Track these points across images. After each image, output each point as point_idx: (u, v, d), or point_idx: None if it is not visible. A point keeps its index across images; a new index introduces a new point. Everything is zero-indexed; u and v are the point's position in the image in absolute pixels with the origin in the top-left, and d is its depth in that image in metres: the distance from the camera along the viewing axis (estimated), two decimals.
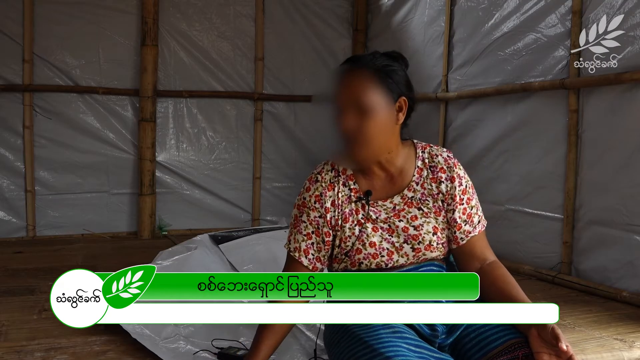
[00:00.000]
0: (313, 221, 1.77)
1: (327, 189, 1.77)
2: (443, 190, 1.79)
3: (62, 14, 4.61)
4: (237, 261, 3.06)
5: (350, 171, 1.79)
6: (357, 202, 1.77)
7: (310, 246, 1.77)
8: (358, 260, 1.75)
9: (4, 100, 4.53)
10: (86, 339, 2.31)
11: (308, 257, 1.77)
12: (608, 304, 2.94)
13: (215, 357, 2.16)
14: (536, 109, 3.60)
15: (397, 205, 1.78)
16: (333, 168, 1.80)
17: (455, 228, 1.79)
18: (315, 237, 1.77)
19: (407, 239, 1.75)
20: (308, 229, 1.78)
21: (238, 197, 5.13)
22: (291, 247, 1.80)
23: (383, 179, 1.79)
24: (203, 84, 4.99)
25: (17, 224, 4.60)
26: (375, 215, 1.76)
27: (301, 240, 1.78)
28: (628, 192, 3.01)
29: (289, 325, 1.75)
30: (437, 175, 1.79)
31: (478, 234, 1.81)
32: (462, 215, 1.79)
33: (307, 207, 1.79)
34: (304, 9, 5.20)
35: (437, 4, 4.38)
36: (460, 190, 1.79)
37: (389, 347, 1.54)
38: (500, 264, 1.79)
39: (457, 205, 1.79)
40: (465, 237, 1.79)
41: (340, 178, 1.79)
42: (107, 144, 4.79)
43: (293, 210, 1.83)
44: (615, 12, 3.06)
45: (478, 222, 1.82)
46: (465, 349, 1.69)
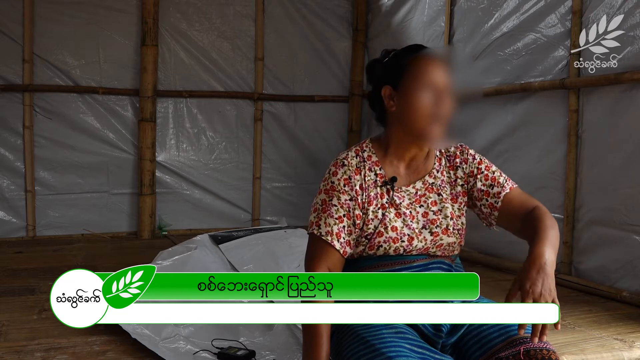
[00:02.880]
0: (344, 204, 1.77)
1: (354, 173, 1.80)
2: (460, 174, 1.86)
3: (62, 14, 4.62)
4: (237, 261, 3.06)
5: (375, 158, 1.83)
6: (382, 186, 1.80)
7: (342, 229, 1.76)
8: (378, 243, 1.76)
9: (4, 100, 4.53)
10: (86, 339, 2.31)
11: (340, 241, 1.75)
12: (608, 304, 2.94)
13: (215, 357, 2.16)
14: (536, 109, 3.59)
15: (418, 190, 1.83)
16: (357, 154, 1.83)
17: (485, 195, 1.84)
18: (347, 220, 1.77)
19: (426, 224, 1.79)
20: (339, 212, 1.77)
21: (238, 197, 5.13)
22: (322, 232, 1.76)
23: (408, 166, 1.84)
24: (203, 84, 4.99)
25: (17, 224, 4.60)
26: (399, 201, 1.80)
27: (333, 224, 1.76)
28: (628, 192, 3.01)
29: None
30: (453, 162, 1.87)
31: (510, 190, 1.83)
32: (486, 182, 1.84)
33: (336, 191, 1.79)
34: (304, 9, 5.20)
35: (437, 4, 4.38)
36: (475, 163, 1.86)
37: (391, 347, 1.54)
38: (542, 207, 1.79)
39: (478, 176, 1.85)
40: (498, 199, 1.82)
41: (365, 163, 1.82)
42: (107, 144, 4.80)
43: (318, 196, 1.82)
44: (615, 12, 3.06)
45: (505, 181, 1.85)
46: (467, 347, 1.70)
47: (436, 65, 1.76)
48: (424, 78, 1.74)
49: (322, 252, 1.75)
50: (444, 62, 1.78)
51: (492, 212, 1.84)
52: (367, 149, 1.84)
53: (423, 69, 1.75)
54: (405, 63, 1.78)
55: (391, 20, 4.87)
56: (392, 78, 1.79)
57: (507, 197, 1.82)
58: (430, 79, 1.74)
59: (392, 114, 1.80)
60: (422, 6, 4.52)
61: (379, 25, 5.12)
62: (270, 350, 2.22)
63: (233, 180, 5.13)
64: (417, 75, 1.75)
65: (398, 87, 1.77)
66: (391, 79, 1.79)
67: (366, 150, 1.84)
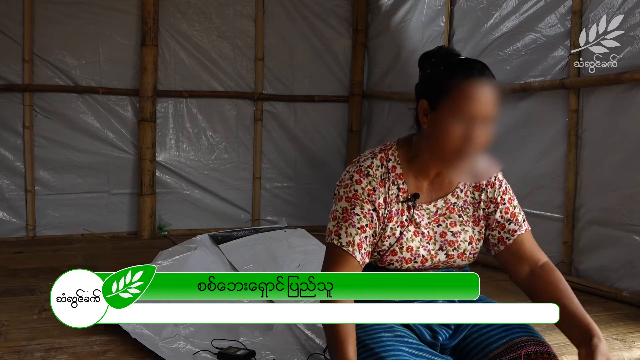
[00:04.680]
0: (367, 214, 1.67)
1: (379, 185, 1.70)
2: (484, 197, 1.77)
3: (62, 14, 4.61)
4: (237, 261, 3.06)
5: (400, 170, 1.72)
6: (404, 202, 1.72)
7: (363, 240, 1.66)
8: (389, 260, 1.71)
9: (4, 100, 4.53)
10: (86, 339, 2.31)
11: (361, 252, 1.66)
12: (608, 304, 2.94)
13: (215, 357, 2.16)
14: (536, 109, 3.59)
15: (439, 209, 1.75)
16: (382, 164, 1.72)
17: (499, 228, 1.76)
18: (369, 230, 1.68)
19: (443, 244, 1.73)
20: (362, 222, 1.67)
21: (238, 197, 5.13)
22: (343, 242, 1.66)
23: (431, 182, 1.75)
24: (203, 84, 4.99)
25: (17, 224, 4.60)
26: (419, 220, 1.73)
27: (355, 234, 1.66)
28: (628, 192, 3.01)
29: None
30: (479, 183, 1.78)
31: (525, 232, 1.76)
32: (505, 215, 1.76)
33: (360, 200, 1.68)
34: (304, 9, 5.20)
35: (436, 4, 4.38)
36: (500, 191, 1.78)
37: (390, 350, 1.53)
38: (554, 266, 1.72)
39: (499, 205, 1.77)
40: (511, 236, 1.75)
41: (390, 175, 1.72)
42: (107, 144, 4.79)
43: (338, 203, 1.70)
44: (615, 12, 3.06)
45: (523, 221, 1.78)
46: (467, 349, 1.70)
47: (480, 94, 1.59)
48: (463, 107, 1.58)
49: (341, 263, 1.65)
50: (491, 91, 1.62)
51: (499, 245, 1.77)
52: (392, 157, 1.73)
53: (464, 97, 1.58)
54: (446, 82, 1.61)
55: (391, 20, 4.87)
56: (430, 94, 1.64)
57: (520, 237, 1.75)
58: (471, 110, 1.58)
59: (424, 130, 1.67)
60: (422, 6, 4.52)
61: (379, 25, 5.11)
62: (270, 350, 2.22)
63: (233, 180, 5.13)
64: (456, 101, 1.58)
65: (435, 106, 1.62)
66: (429, 94, 1.65)
67: (391, 160, 1.73)
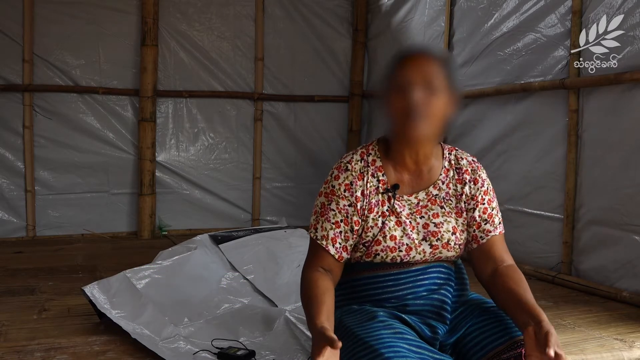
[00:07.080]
0: (342, 209, 1.77)
1: (357, 178, 1.79)
2: (467, 192, 1.83)
3: (62, 14, 4.61)
4: (237, 261, 3.06)
5: (380, 162, 1.81)
6: (384, 194, 1.79)
7: (338, 235, 1.77)
8: (375, 251, 1.76)
9: (4, 100, 4.53)
10: (86, 339, 2.31)
11: (335, 246, 1.77)
12: (608, 304, 2.94)
13: (215, 357, 2.16)
14: (536, 109, 3.59)
15: (420, 201, 1.81)
16: (362, 158, 1.81)
17: (475, 226, 1.83)
18: (344, 225, 1.77)
19: (427, 235, 1.78)
20: (337, 217, 1.77)
21: (238, 197, 5.13)
22: (318, 235, 1.79)
23: (411, 174, 1.82)
24: (203, 84, 4.99)
25: (17, 224, 4.60)
26: (399, 209, 1.78)
27: (329, 229, 1.77)
28: (628, 192, 3.01)
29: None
30: (462, 177, 1.84)
31: (498, 235, 1.84)
32: (483, 215, 1.83)
33: (336, 196, 1.79)
34: (304, 9, 5.20)
35: (436, 4, 4.38)
36: (482, 191, 1.84)
37: (389, 347, 1.54)
38: (517, 268, 1.79)
39: (478, 204, 1.83)
40: (485, 236, 1.82)
41: (369, 169, 1.80)
42: (107, 144, 4.79)
43: (319, 198, 1.82)
44: (615, 12, 3.06)
45: (499, 224, 1.85)
46: (467, 347, 1.70)
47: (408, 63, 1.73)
48: (396, 80, 1.73)
49: (317, 255, 1.78)
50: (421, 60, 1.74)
51: (472, 243, 1.84)
52: (372, 152, 1.83)
53: (398, 71, 1.73)
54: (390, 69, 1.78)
55: (391, 20, 4.87)
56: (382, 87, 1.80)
57: (493, 238, 1.83)
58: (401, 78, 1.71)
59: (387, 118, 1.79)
60: (422, 6, 4.52)
61: (379, 25, 5.11)
62: (270, 350, 2.22)
63: (233, 180, 5.13)
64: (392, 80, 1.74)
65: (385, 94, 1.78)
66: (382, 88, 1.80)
67: (371, 154, 1.82)
